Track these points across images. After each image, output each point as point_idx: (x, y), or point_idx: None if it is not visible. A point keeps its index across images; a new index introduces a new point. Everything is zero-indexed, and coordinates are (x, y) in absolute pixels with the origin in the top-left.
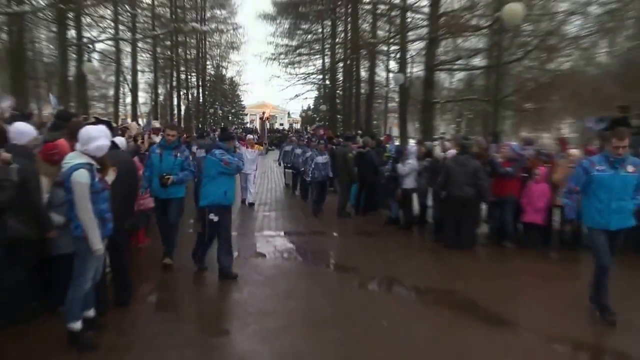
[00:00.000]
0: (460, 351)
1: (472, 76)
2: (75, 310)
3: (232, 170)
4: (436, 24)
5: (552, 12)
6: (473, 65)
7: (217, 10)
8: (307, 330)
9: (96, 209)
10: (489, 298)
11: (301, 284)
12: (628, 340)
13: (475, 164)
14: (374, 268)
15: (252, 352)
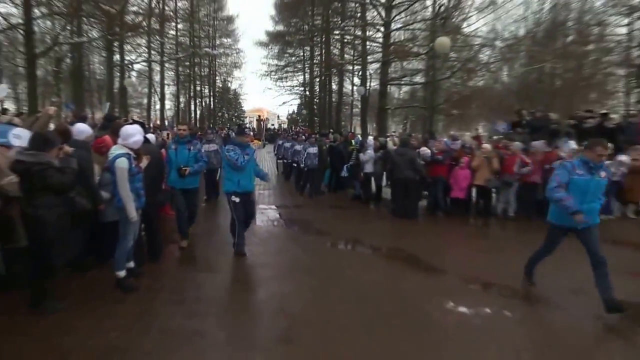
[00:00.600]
0: (402, 291)
1: (415, 89)
2: (120, 262)
3: (233, 164)
4: (388, 50)
5: (470, 44)
6: (415, 81)
7: (224, 39)
8: (291, 277)
9: (132, 187)
10: (425, 252)
11: (287, 244)
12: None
13: (412, 154)
14: (342, 232)
15: (251, 293)
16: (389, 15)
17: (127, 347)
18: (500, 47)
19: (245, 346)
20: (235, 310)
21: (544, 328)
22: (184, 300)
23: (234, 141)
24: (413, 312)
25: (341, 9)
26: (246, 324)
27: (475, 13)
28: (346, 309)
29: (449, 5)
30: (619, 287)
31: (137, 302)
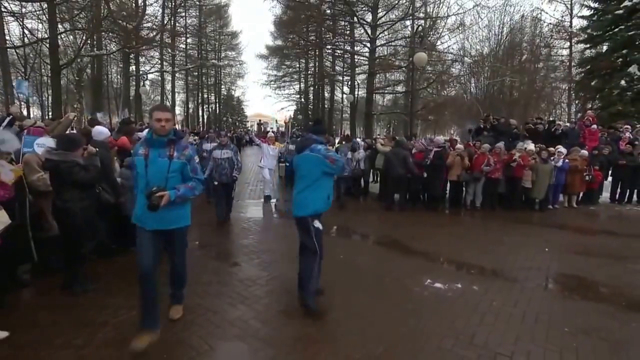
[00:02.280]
0: (387, 270)
1: (397, 97)
2: None
3: (337, 169)
4: (373, 63)
5: (444, 59)
6: (397, 90)
7: (229, 52)
8: (291, 262)
9: None
10: (408, 238)
11: (287, 232)
12: (497, 258)
13: (404, 153)
14: (335, 221)
15: (256, 276)
16: (374, 33)
17: None
18: (468, 62)
19: (253, 319)
20: (243, 291)
21: (503, 297)
22: (197, 283)
23: (318, 139)
24: (396, 287)
25: (332, 27)
26: (253, 301)
27: (447, 33)
28: (339, 286)
29: (425, 26)
30: (567, 263)
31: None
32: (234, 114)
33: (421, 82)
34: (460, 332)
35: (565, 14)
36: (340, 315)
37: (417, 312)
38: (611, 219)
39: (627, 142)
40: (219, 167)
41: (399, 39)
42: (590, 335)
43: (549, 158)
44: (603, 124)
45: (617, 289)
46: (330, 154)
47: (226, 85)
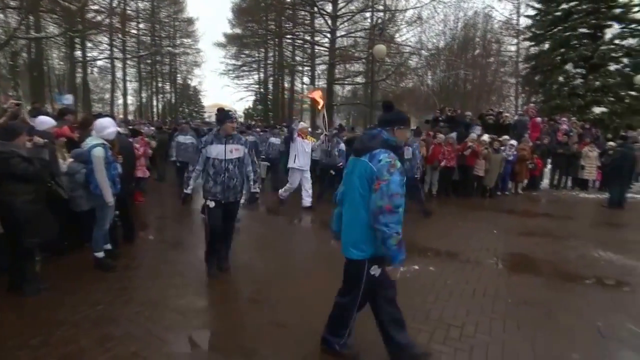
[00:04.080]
0: None
1: (357, 88)
2: (99, 244)
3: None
4: (333, 54)
5: (402, 52)
6: (356, 82)
7: (184, 39)
8: (258, 251)
9: (109, 174)
10: None
11: (254, 224)
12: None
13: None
14: (311, 215)
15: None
16: (334, 24)
17: (112, 317)
18: (425, 55)
19: (219, 308)
20: (205, 280)
21: (456, 276)
22: (159, 275)
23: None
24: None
25: (292, 16)
26: (220, 290)
27: (405, 26)
28: (304, 273)
29: (385, 18)
30: (512, 243)
31: (117, 279)
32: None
33: (380, 74)
34: (417, 308)
35: (513, 13)
36: (300, 300)
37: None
38: (550, 202)
39: (563, 133)
40: (183, 149)
41: (359, 31)
42: (530, 305)
43: (500, 148)
44: (545, 116)
45: (553, 264)
46: (385, 176)
47: (182, 74)
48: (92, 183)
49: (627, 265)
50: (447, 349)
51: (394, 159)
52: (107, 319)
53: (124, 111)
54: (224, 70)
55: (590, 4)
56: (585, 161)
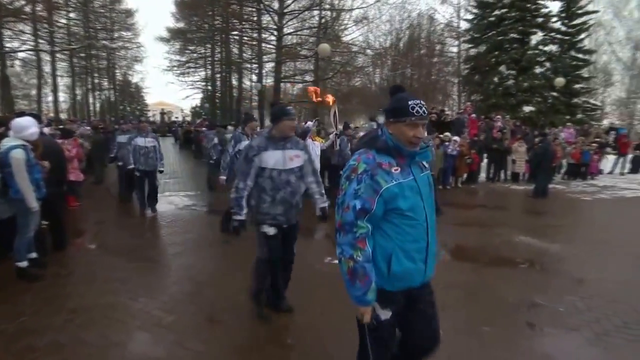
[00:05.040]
0: None
1: (305, 86)
2: (22, 253)
3: None
4: (281, 52)
5: (350, 51)
6: (305, 80)
7: (123, 32)
8: (196, 251)
9: (32, 178)
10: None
11: (192, 224)
12: None
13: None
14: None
15: (161, 268)
16: (281, 21)
17: (36, 328)
18: (372, 54)
19: (158, 311)
20: (146, 283)
21: None
22: (94, 281)
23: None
24: (300, 266)
25: (239, 12)
26: (158, 293)
27: (352, 25)
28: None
29: (331, 16)
30: (449, 233)
31: (44, 288)
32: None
33: (328, 72)
34: None
35: (453, 16)
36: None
37: (317, 287)
38: (485, 195)
39: (498, 130)
40: (144, 155)
41: (306, 29)
42: (456, 288)
43: (442, 144)
44: (483, 114)
45: (482, 250)
46: (342, 184)
47: (122, 70)
48: (12, 188)
49: (542, 248)
50: None
51: (361, 161)
52: (29, 331)
53: (55, 109)
54: (168, 67)
55: (518, 12)
56: (515, 156)
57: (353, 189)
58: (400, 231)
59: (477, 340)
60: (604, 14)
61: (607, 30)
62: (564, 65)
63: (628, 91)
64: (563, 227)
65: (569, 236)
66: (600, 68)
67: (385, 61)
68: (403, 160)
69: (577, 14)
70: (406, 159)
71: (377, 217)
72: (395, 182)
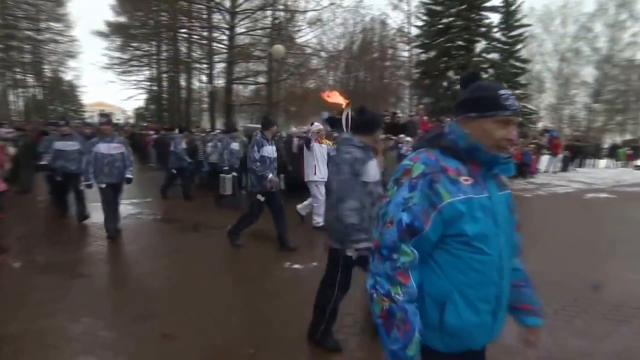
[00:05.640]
0: (250, 259)
1: (259, 88)
2: None
3: None
4: (232, 52)
5: (303, 52)
6: (258, 81)
7: (52, 23)
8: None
9: None
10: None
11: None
12: None
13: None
14: (188, 218)
15: (105, 285)
16: (233, 20)
17: None
18: (326, 57)
19: (105, 331)
20: (88, 302)
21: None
22: (23, 304)
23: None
24: (259, 272)
25: (187, 10)
26: (103, 311)
27: (306, 27)
28: (195, 284)
29: (286, 17)
30: None
31: None
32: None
33: (282, 74)
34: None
35: (404, 22)
36: (203, 308)
37: (277, 291)
38: None
39: None
40: (109, 164)
41: (259, 29)
42: None
43: (396, 146)
44: (433, 116)
45: None
46: (389, 189)
47: (51, 66)
48: None
49: None
50: (342, 335)
51: (419, 162)
52: None
53: None
54: (108, 64)
55: (464, 21)
56: None
57: (402, 197)
58: (463, 267)
59: None
60: (535, 28)
61: (538, 43)
62: (505, 72)
63: (557, 98)
64: None
65: None
66: (535, 76)
67: (339, 64)
68: (476, 168)
69: (514, 26)
70: (481, 167)
71: (430, 243)
72: (463, 197)
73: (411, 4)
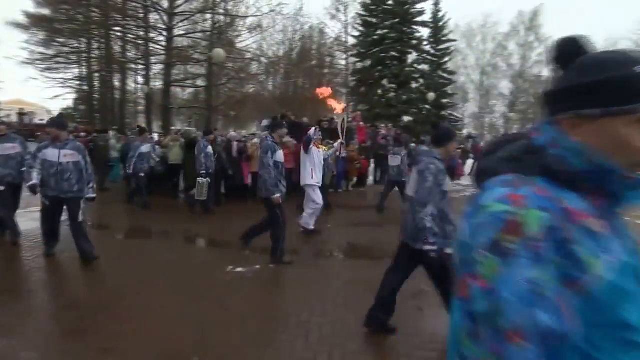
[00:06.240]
0: (193, 264)
1: (198, 91)
2: None
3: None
4: (170, 54)
5: (243, 57)
6: (197, 84)
7: None
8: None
9: None
10: (215, 232)
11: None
12: None
13: (218, 149)
14: (124, 224)
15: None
16: (171, 22)
17: None
18: (265, 62)
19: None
20: (5, 321)
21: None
22: None
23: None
24: (201, 277)
25: (122, 7)
26: (26, 329)
27: (246, 32)
28: (142, 287)
29: (226, 21)
30: (343, 234)
31: None
32: None
33: (221, 78)
34: (259, 304)
35: (342, 31)
36: (145, 317)
37: (221, 295)
38: (374, 196)
39: (382, 137)
40: (56, 175)
41: (198, 32)
42: (354, 283)
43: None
44: (369, 122)
45: (375, 248)
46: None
47: None
48: None
49: None
50: (287, 337)
51: (528, 207)
52: None
53: None
54: (29, 59)
55: (397, 33)
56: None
57: (523, 278)
58: None
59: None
60: (460, 43)
61: (463, 57)
62: (434, 83)
63: (479, 107)
64: None
65: None
66: (460, 87)
67: (279, 70)
68: (599, 202)
69: (442, 40)
70: (609, 199)
71: (569, 344)
72: (614, 260)
73: (348, 15)
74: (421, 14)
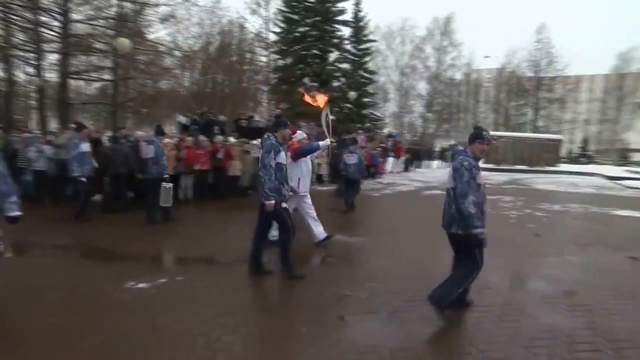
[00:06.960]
0: (83, 282)
1: (106, 86)
2: None
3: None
4: (67, 42)
5: (155, 50)
6: (101, 78)
7: None
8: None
9: None
10: (110, 244)
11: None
12: None
13: (126, 150)
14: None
15: None
16: (67, 5)
17: None
18: (179, 56)
19: None
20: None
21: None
22: None
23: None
24: (96, 296)
25: None
26: None
27: (157, 22)
28: (27, 310)
29: (135, 9)
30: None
31: None
32: None
33: (130, 71)
34: (160, 325)
35: (262, 27)
36: (27, 347)
37: (118, 321)
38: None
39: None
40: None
41: (102, 19)
42: (280, 290)
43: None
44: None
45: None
46: None
47: None
48: None
49: (347, 242)
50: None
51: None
52: None
53: None
54: None
55: (319, 31)
56: (319, 159)
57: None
58: None
59: (297, 343)
60: (380, 44)
61: (383, 57)
62: (355, 82)
63: (399, 107)
64: (362, 221)
65: (367, 229)
66: (380, 87)
67: (195, 64)
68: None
69: (363, 40)
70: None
71: None
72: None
73: (269, 10)
74: (342, 12)
